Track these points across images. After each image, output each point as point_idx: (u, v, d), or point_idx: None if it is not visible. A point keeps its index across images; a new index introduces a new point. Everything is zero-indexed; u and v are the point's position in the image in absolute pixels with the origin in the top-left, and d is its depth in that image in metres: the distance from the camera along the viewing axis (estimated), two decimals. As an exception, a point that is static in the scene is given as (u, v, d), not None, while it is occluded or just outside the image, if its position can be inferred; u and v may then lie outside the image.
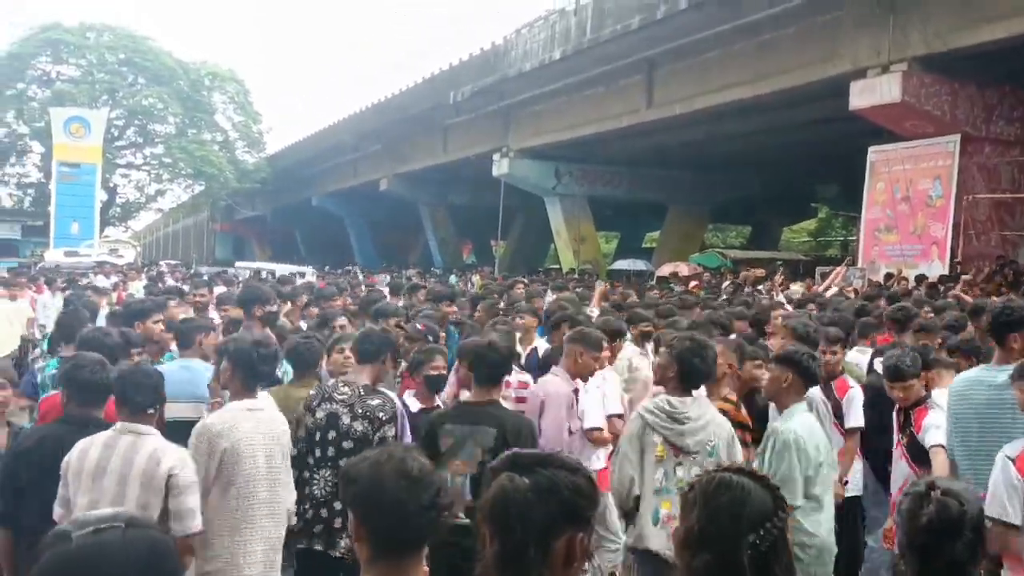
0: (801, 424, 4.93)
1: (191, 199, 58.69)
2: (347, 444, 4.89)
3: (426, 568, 2.27)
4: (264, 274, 22.77)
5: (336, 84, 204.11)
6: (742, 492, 2.19)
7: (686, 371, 4.95)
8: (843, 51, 19.27)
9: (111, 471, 4.03)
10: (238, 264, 29.63)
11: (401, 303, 10.04)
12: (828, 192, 37.86)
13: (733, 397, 5.71)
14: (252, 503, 4.39)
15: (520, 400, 6.20)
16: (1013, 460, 4.07)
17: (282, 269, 25.98)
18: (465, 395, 5.76)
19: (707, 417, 4.92)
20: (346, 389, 5.07)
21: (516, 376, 6.37)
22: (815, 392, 5.79)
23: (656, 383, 5.58)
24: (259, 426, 4.49)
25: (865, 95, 18.66)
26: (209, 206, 57.58)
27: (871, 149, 20.79)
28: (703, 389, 5.33)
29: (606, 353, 6.31)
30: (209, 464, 4.30)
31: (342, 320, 8.16)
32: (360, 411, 4.95)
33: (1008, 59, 17.33)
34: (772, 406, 5.60)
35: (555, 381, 6.10)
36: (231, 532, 4.34)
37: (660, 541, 4.69)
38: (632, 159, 32.78)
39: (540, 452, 2.25)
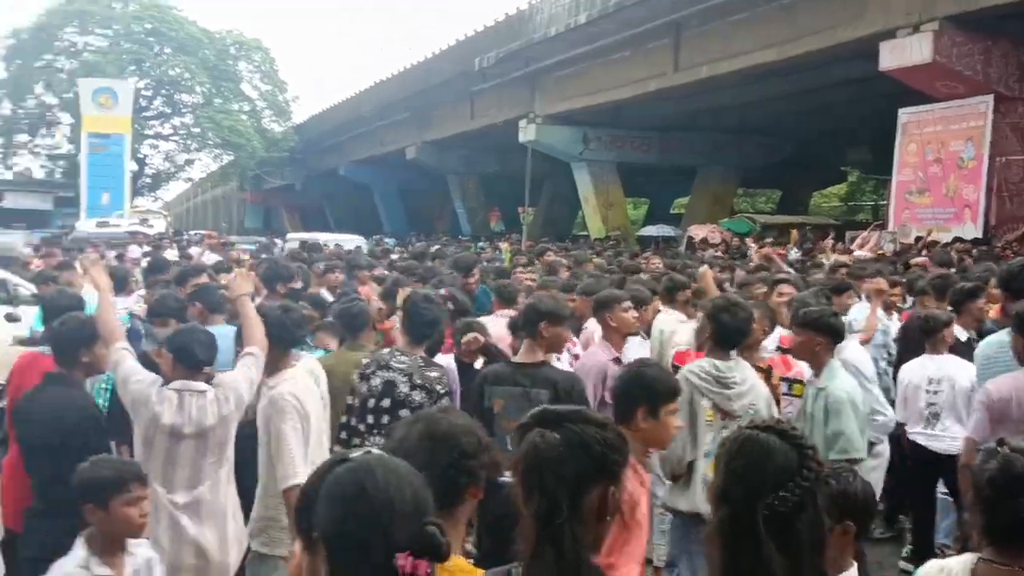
0: (846, 380, 5.06)
1: (220, 169, 59.03)
2: (403, 412, 4.73)
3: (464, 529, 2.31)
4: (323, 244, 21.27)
5: (361, 52, 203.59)
6: (763, 451, 2.16)
7: (720, 330, 4.95)
8: (873, 11, 18.98)
9: (184, 431, 4.27)
10: (289, 235, 29.34)
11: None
12: (858, 155, 37.41)
13: (764, 364, 5.68)
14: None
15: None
16: None
17: (332, 239, 24.31)
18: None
19: (750, 380, 4.94)
20: (404, 358, 4.95)
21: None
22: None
23: (697, 349, 5.58)
24: (310, 389, 4.64)
25: (895, 56, 18.39)
26: (238, 176, 57.79)
27: (901, 111, 20.51)
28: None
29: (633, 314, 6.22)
30: (304, 430, 4.42)
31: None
32: (419, 381, 4.84)
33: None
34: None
35: (591, 352, 6.08)
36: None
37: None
38: (660, 124, 32.53)
39: (568, 408, 2.26)
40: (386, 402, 4.85)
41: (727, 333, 4.98)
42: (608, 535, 2.20)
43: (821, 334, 5.13)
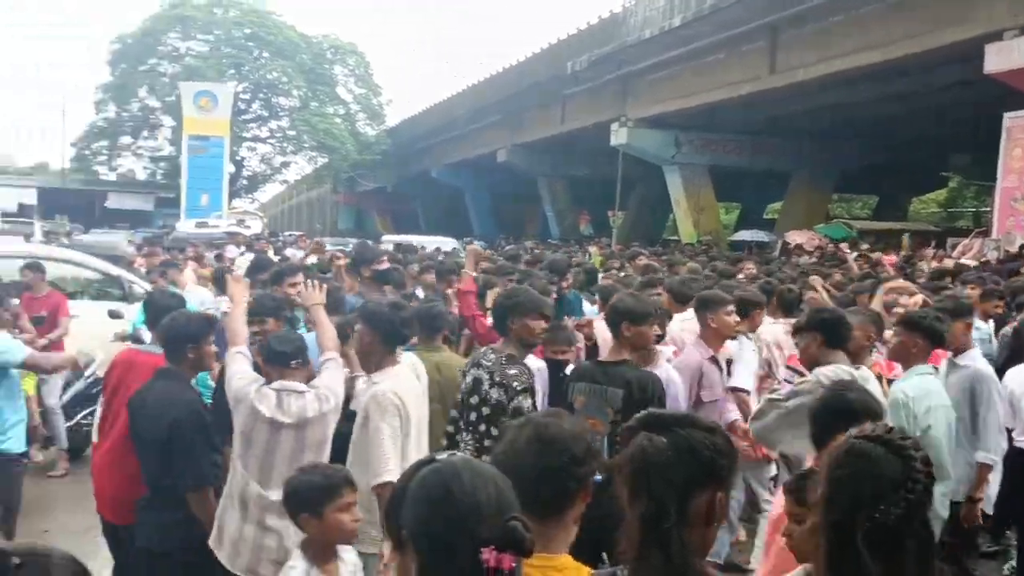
0: (913, 384, 4.98)
1: (314, 171, 60.02)
2: (485, 410, 4.85)
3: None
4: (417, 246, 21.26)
5: (455, 56, 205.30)
6: (867, 462, 2.10)
7: (828, 334, 4.92)
8: (978, 12, 18.47)
9: (285, 432, 4.33)
10: (384, 238, 29.73)
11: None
12: (960, 161, 36.39)
13: (876, 368, 5.63)
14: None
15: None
16: None
17: (426, 241, 24.71)
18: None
19: (875, 387, 4.84)
20: (492, 356, 5.03)
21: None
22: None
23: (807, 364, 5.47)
24: (412, 388, 4.74)
25: (1001, 58, 17.85)
26: (331, 178, 58.75)
27: (1007, 115, 19.86)
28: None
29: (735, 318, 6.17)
30: (399, 428, 4.50)
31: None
32: (498, 379, 4.88)
33: None
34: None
35: (687, 351, 6.07)
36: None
37: None
38: (754, 127, 32.10)
39: (676, 411, 2.26)
40: (474, 399, 4.93)
41: (835, 335, 4.94)
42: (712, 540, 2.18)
43: (920, 336, 5.11)
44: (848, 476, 2.11)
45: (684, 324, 6.74)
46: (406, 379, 4.70)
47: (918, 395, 4.91)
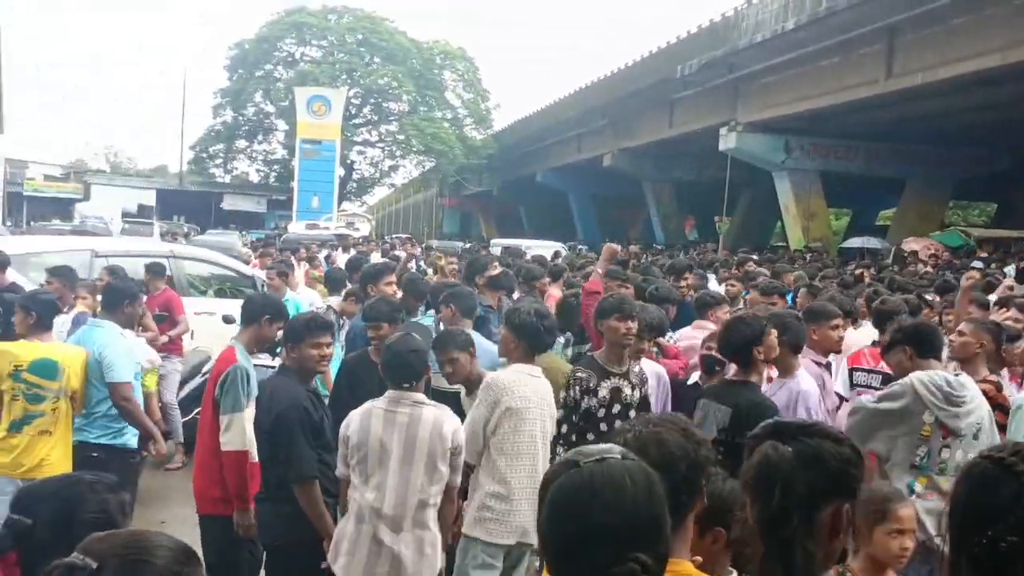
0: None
1: (421, 175, 60.72)
2: (631, 414, 5.03)
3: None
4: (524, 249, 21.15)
5: (563, 60, 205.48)
6: (984, 481, 2.01)
7: (918, 345, 4.89)
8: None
9: (392, 446, 4.35)
10: (493, 241, 30.06)
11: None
12: (1086, 166, 34.97)
13: (993, 378, 5.45)
14: (522, 463, 4.76)
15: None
16: None
17: (535, 245, 24.41)
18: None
19: (978, 399, 4.73)
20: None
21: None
22: None
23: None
24: (538, 391, 4.87)
25: None
26: (438, 182, 59.37)
27: None
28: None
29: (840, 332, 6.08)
30: (490, 416, 4.71)
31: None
32: (634, 381, 5.20)
33: None
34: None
35: (803, 376, 5.96)
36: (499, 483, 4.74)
37: None
38: (867, 132, 31.33)
39: (803, 421, 2.23)
40: (616, 407, 5.11)
41: (926, 344, 4.86)
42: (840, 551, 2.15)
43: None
44: (966, 496, 2.03)
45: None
46: (523, 379, 4.85)
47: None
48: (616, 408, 5.09)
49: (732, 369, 5.07)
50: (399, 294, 7.47)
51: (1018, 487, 1.99)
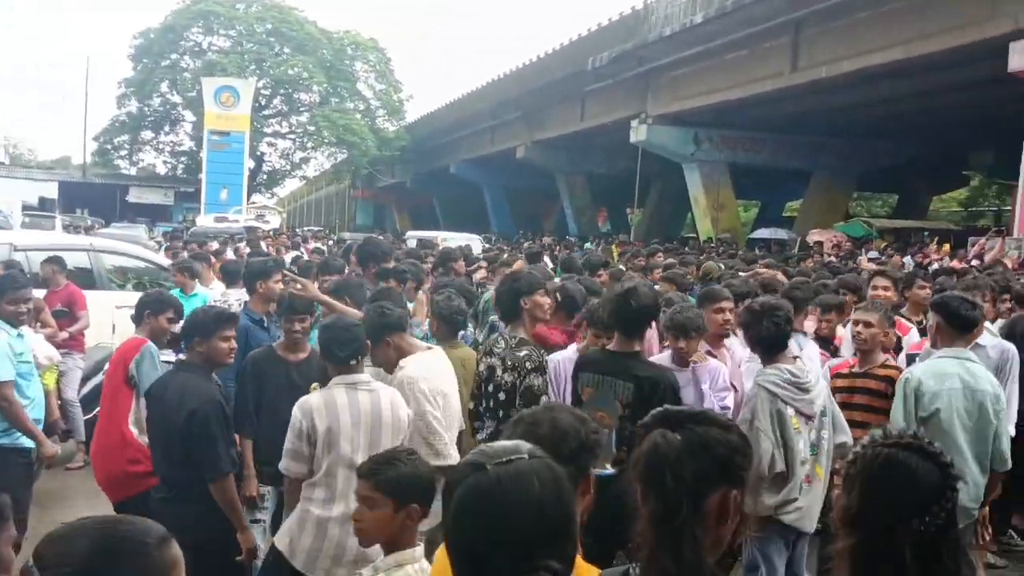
0: (925, 367, 5.01)
1: (333, 167, 60.12)
2: (502, 395, 5.06)
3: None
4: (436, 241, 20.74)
5: (475, 52, 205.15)
6: (907, 472, 2.04)
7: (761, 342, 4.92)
8: (1003, 11, 18.36)
9: (363, 427, 4.29)
10: (408, 233, 29.74)
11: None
12: (982, 159, 36.12)
13: (893, 363, 5.58)
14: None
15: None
16: None
17: (450, 237, 24.33)
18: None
19: (818, 377, 4.93)
20: (502, 342, 5.24)
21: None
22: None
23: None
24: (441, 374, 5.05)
25: (1026, 56, 17.77)
26: (350, 174, 58.83)
27: (1031, 113, 19.80)
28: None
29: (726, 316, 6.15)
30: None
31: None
32: (510, 363, 5.07)
33: None
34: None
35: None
36: None
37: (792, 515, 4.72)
38: (775, 124, 31.95)
39: (692, 409, 2.22)
40: (490, 386, 5.12)
41: (770, 339, 4.92)
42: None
43: (945, 320, 5.18)
44: (889, 488, 2.06)
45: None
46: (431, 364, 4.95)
47: (926, 377, 4.94)
48: (491, 387, 5.12)
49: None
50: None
51: (941, 475, 2.04)
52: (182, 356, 5.06)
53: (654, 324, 5.36)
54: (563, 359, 5.33)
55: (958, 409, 4.93)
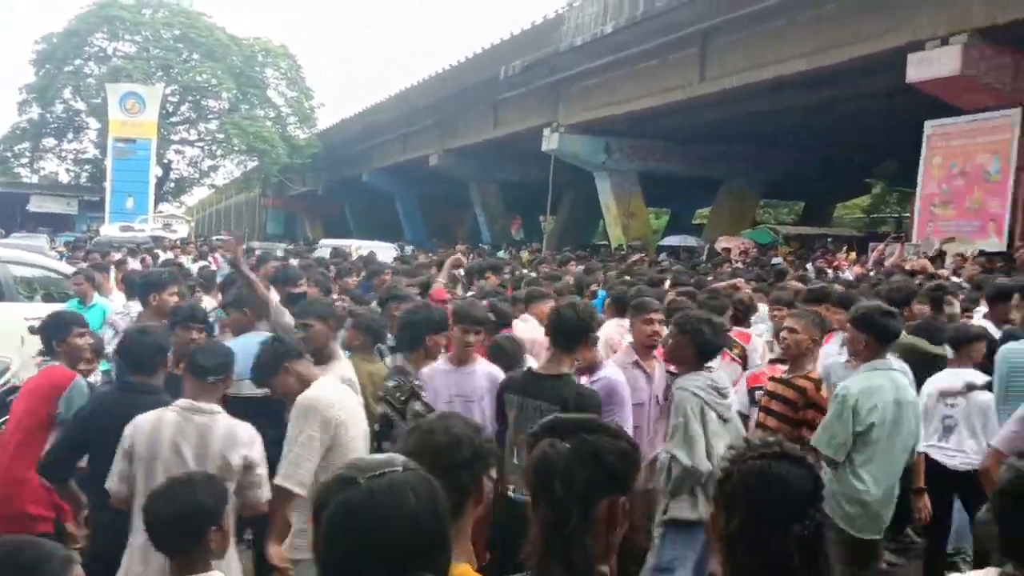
0: (860, 382, 5.08)
1: (243, 175, 59.32)
2: (376, 427, 4.99)
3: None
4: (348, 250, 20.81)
5: (387, 60, 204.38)
6: (783, 483, 2.04)
7: (704, 350, 4.97)
8: (902, 23, 18.87)
9: (186, 456, 4.08)
10: (322, 242, 29.30)
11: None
12: (885, 168, 37.17)
13: (815, 374, 5.67)
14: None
15: None
16: None
17: (365, 246, 24.02)
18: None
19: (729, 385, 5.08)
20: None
21: None
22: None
23: (671, 360, 5.55)
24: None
25: (922, 68, 18.28)
26: (261, 182, 58.09)
27: (928, 123, 20.38)
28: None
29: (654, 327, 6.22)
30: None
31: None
32: (380, 393, 5.13)
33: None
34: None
35: (615, 357, 6.09)
36: None
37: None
38: (684, 134, 32.39)
39: (582, 417, 2.23)
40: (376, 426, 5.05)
41: (712, 350, 5.02)
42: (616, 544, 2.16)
43: (868, 333, 5.25)
44: (764, 501, 2.06)
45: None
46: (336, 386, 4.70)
47: (862, 392, 5.03)
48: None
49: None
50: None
51: (811, 478, 2.07)
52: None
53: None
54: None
55: (891, 422, 5.08)
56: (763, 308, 8.49)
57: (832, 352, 6.56)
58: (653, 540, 5.12)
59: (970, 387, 6.18)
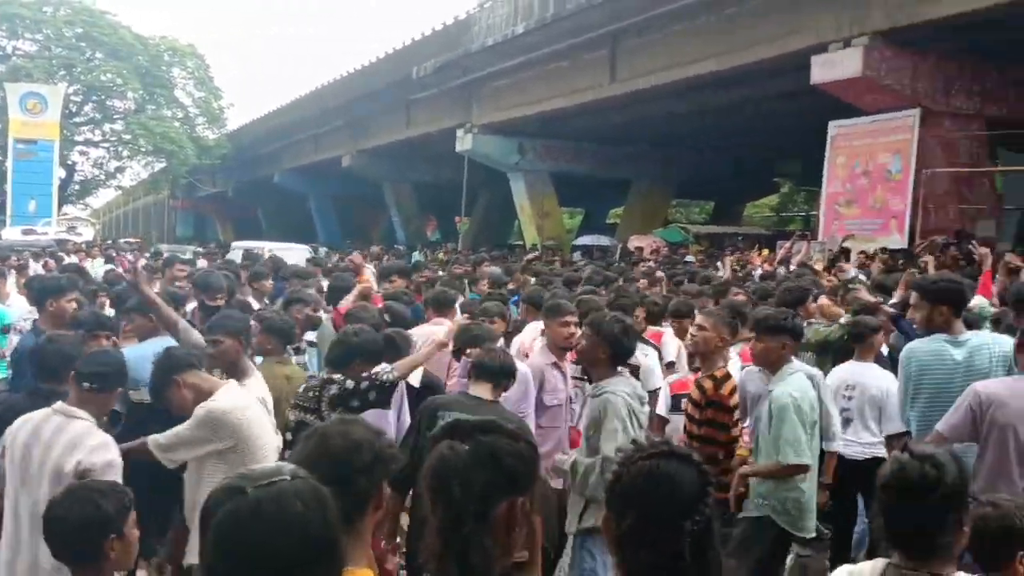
0: (796, 386, 5.16)
1: (151, 176, 58.07)
2: (288, 436, 4.88)
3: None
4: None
5: (298, 59, 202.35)
6: (671, 482, 2.04)
7: (618, 351, 4.97)
8: (806, 25, 19.29)
9: (33, 457, 3.95)
10: (235, 244, 28.53)
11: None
12: (791, 167, 37.98)
13: (721, 372, 5.71)
14: None
15: None
16: None
17: (277, 248, 22.92)
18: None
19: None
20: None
21: None
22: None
23: (580, 362, 5.55)
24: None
25: (826, 69, 18.72)
26: (169, 183, 56.93)
27: (831, 124, 20.86)
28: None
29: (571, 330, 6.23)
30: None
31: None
32: (294, 400, 5.03)
33: (968, 31, 17.40)
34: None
35: (531, 358, 6.16)
36: None
37: None
38: (596, 135, 32.70)
39: (481, 419, 2.21)
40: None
41: (625, 354, 5.04)
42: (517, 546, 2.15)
43: (783, 337, 5.30)
44: (654, 501, 2.05)
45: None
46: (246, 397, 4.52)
47: (800, 394, 5.13)
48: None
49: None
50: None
51: (698, 474, 2.06)
52: None
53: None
54: None
55: (815, 419, 5.24)
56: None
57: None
58: (566, 548, 5.10)
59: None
